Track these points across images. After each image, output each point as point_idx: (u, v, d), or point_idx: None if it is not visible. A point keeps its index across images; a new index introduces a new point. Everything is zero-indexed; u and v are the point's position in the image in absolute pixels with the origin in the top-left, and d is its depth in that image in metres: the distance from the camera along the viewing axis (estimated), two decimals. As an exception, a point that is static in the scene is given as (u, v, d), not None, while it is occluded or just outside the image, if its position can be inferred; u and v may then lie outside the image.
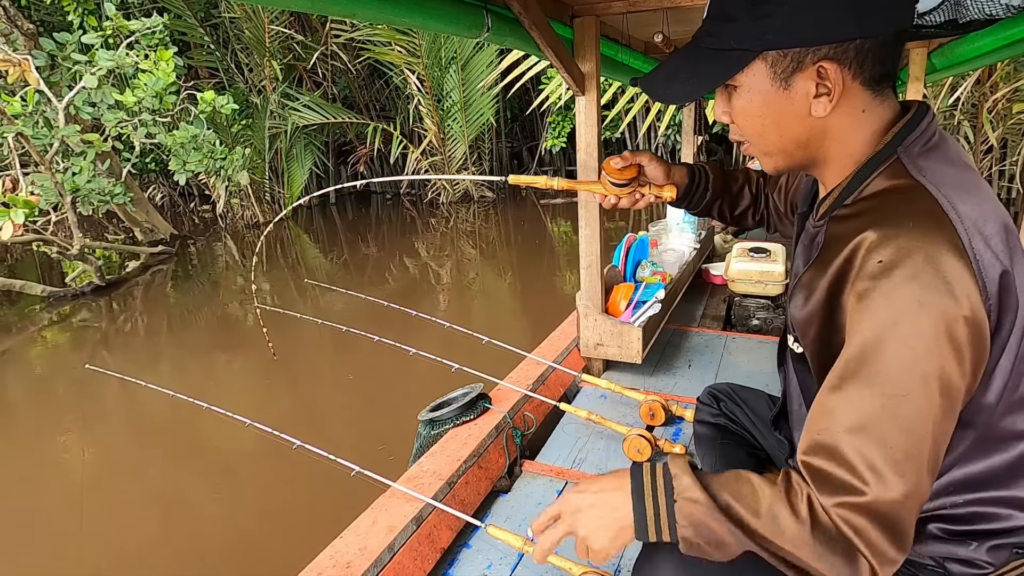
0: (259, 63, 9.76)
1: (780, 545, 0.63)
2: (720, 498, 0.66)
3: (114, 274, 6.56)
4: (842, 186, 0.74)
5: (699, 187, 1.12)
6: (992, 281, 0.61)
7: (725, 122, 0.77)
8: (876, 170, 0.70)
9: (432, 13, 1.26)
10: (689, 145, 3.65)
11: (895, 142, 0.70)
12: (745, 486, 0.67)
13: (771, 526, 0.63)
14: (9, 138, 5.51)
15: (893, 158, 0.70)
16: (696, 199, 1.13)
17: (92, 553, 2.33)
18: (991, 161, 6.95)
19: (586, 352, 2.11)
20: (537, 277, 5.97)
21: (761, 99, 0.71)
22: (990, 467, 0.69)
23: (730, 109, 0.75)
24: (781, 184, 1.14)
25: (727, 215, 1.18)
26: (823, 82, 0.68)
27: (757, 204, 1.18)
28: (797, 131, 0.72)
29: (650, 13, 1.81)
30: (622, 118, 9.73)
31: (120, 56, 6.14)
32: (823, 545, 0.61)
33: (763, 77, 0.70)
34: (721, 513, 0.65)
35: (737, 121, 0.76)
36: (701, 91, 0.73)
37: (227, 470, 2.83)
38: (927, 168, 0.67)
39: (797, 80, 0.69)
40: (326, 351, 4.23)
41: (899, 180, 0.67)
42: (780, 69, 0.69)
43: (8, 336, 5.06)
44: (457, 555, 1.36)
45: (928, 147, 0.70)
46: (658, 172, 1.05)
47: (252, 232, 9.29)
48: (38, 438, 3.30)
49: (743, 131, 0.77)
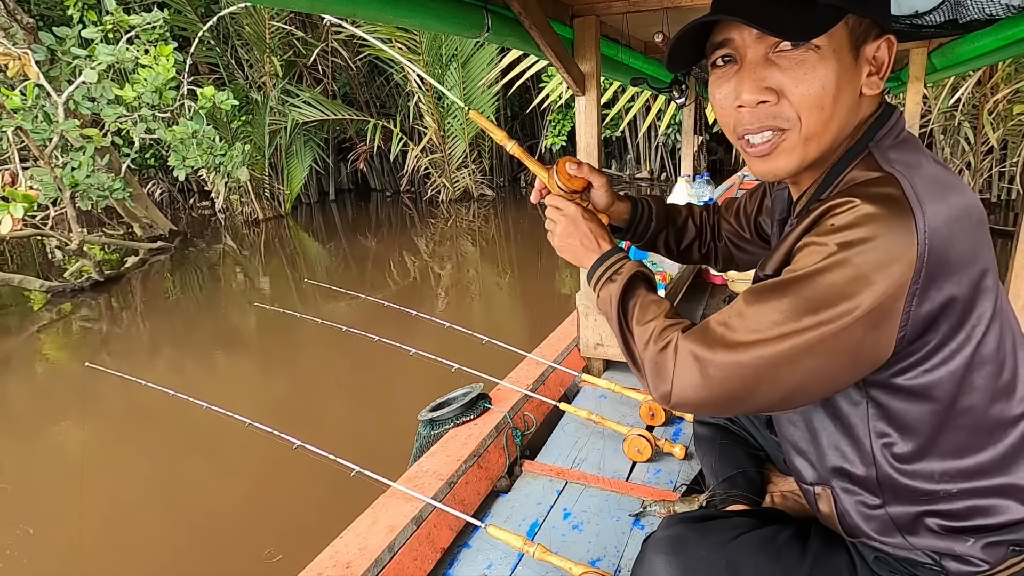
0: (259, 59, 9.75)
1: (633, 340, 0.79)
2: (629, 299, 0.83)
3: (113, 270, 6.55)
4: (817, 182, 0.75)
5: (642, 220, 1.11)
6: (937, 285, 0.62)
7: (762, 98, 0.68)
8: (850, 164, 0.71)
9: (432, 13, 1.26)
10: (689, 145, 3.65)
11: (867, 136, 0.71)
12: (652, 306, 0.80)
13: (639, 330, 0.78)
14: (8, 132, 5.50)
15: (865, 152, 0.70)
16: (640, 231, 1.13)
17: (92, 552, 2.33)
18: (991, 162, 6.95)
19: (586, 352, 2.11)
20: (537, 277, 5.97)
21: (835, 65, 0.66)
22: (983, 455, 0.70)
23: (783, 79, 0.67)
24: (740, 206, 1.13)
25: (673, 249, 1.18)
26: (878, 57, 0.68)
27: (702, 237, 1.18)
28: (848, 109, 0.70)
29: (650, 13, 1.81)
30: (622, 117, 9.73)
31: (120, 51, 6.13)
32: (655, 354, 0.74)
33: (843, 40, 0.66)
34: (619, 304, 0.82)
35: (796, 91, 0.67)
36: (823, 28, 0.65)
37: (227, 469, 2.83)
38: (897, 160, 0.68)
39: (865, 51, 0.68)
40: (326, 351, 4.23)
41: (870, 172, 0.68)
42: (857, 35, 0.67)
43: (8, 333, 5.06)
44: (457, 555, 1.36)
45: (898, 141, 0.71)
46: (603, 198, 1.03)
47: (251, 229, 9.28)
48: (37, 436, 3.30)
49: (797, 105, 0.68)
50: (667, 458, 1.65)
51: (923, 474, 0.71)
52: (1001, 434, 0.69)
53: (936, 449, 0.70)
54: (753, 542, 0.83)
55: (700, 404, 0.70)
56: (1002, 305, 0.67)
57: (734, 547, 0.82)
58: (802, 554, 0.82)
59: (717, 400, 0.68)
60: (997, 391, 0.68)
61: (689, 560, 0.81)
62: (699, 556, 0.82)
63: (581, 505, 1.49)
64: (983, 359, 0.66)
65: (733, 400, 0.68)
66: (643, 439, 1.61)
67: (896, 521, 0.74)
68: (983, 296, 0.64)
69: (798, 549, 0.83)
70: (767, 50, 0.68)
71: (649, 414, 1.81)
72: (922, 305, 0.62)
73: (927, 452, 0.70)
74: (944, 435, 0.69)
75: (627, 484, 1.54)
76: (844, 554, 0.82)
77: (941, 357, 0.65)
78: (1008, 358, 0.68)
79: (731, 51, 0.71)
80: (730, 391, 0.67)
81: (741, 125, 0.72)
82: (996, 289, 0.66)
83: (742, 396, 0.67)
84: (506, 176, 12.40)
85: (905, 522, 0.73)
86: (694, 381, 0.68)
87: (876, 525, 0.75)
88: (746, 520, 0.88)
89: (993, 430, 0.69)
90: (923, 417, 0.69)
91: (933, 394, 0.67)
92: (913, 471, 0.71)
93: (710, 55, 0.74)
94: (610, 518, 1.43)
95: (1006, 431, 0.69)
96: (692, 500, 1.36)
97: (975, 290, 0.64)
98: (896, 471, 0.72)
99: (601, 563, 1.30)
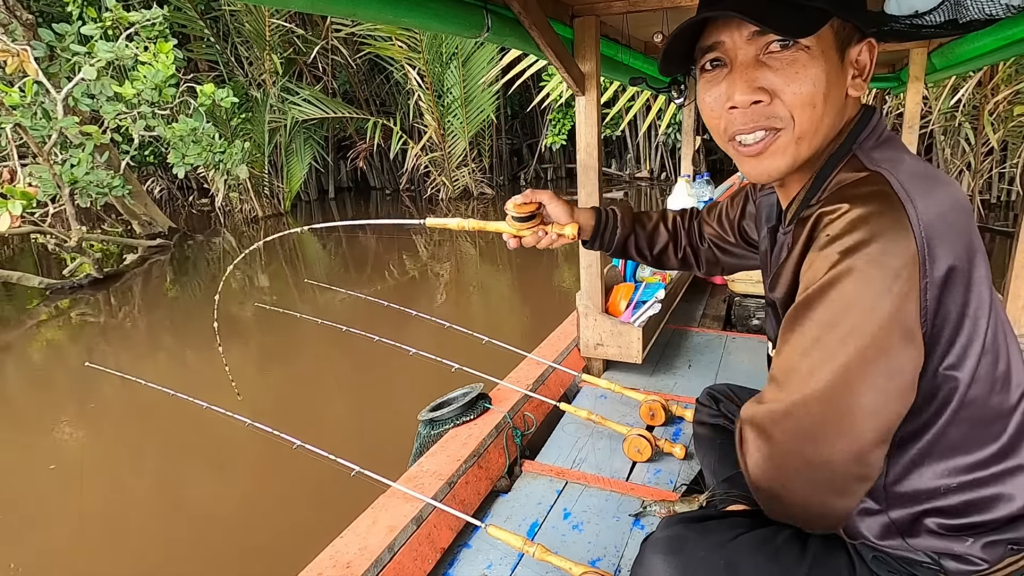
0: (259, 57, 9.73)
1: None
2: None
3: (112, 267, 6.54)
4: (806, 187, 0.76)
5: (607, 226, 1.11)
6: (938, 267, 0.62)
7: (756, 98, 0.69)
8: (836, 167, 0.72)
9: (432, 13, 1.26)
10: (689, 144, 3.65)
11: (850, 139, 0.73)
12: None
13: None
14: (7, 129, 5.49)
15: (850, 155, 0.72)
16: (607, 239, 1.12)
17: (90, 551, 2.33)
18: (991, 163, 6.95)
19: (586, 352, 2.12)
20: (537, 276, 5.96)
21: (824, 65, 0.68)
22: (984, 448, 0.70)
23: (775, 79, 0.68)
24: (722, 210, 1.13)
25: (646, 254, 1.17)
26: (860, 60, 0.70)
27: (676, 242, 1.17)
28: (836, 109, 0.71)
29: (650, 13, 1.81)
30: (622, 116, 9.73)
31: (119, 48, 6.11)
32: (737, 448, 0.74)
33: (830, 42, 0.69)
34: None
35: (788, 90, 0.68)
36: (816, 26, 0.66)
37: (226, 469, 2.83)
38: (882, 159, 0.69)
39: (849, 54, 0.70)
40: (326, 350, 4.22)
41: (857, 173, 0.69)
42: (842, 38, 0.69)
43: (7, 330, 5.05)
44: (457, 555, 1.36)
45: (880, 141, 0.72)
46: (559, 211, 1.04)
47: (251, 227, 9.27)
48: (35, 435, 3.29)
49: (790, 104, 0.68)
50: (667, 458, 1.66)
51: (926, 474, 0.71)
52: (1000, 425, 0.70)
53: (939, 447, 0.70)
54: (752, 542, 0.83)
55: (776, 475, 0.68)
56: (993, 292, 0.69)
57: (733, 547, 0.82)
58: (801, 554, 0.82)
59: (793, 463, 0.67)
60: (995, 381, 0.69)
61: (688, 560, 0.81)
62: (698, 556, 0.82)
63: (581, 505, 1.49)
64: (985, 348, 0.67)
65: (809, 460, 0.66)
66: (643, 439, 1.61)
67: (896, 524, 0.74)
68: (982, 284, 0.66)
69: (797, 549, 0.83)
70: (758, 52, 0.69)
71: (649, 414, 1.81)
72: (934, 296, 0.63)
73: (931, 451, 0.71)
74: (949, 430, 0.69)
75: (627, 484, 1.55)
76: (843, 554, 0.82)
77: (958, 348, 0.66)
78: (1002, 347, 0.70)
79: (720, 55, 0.71)
80: (800, 449, 0.65)
81: (733, 126, 0.73)
82: (988, 276, 0.68)
83: (817, 451, 0.65)
84: (506, 174, 12.40)
85: (905, 525, 0.74)
86: (760, 449, 0.67)
87: (877, 529, 0.76)
88: (745, 520, 0.88)
89: (993, 421, 0.70)
90: (932, 415, 0.69)
91: (946, 388, 0.68)
92: (918, 472, 0.72)
93: (699, 59, 0.75)
94: (610, 518, 1.43)
95: (1005, 421, 0.70)
96: (692, 500, 1.37)
97: (973, 278, 0.65)
98: (901, 475, 0.72)
99: (601, 563, 1.30)
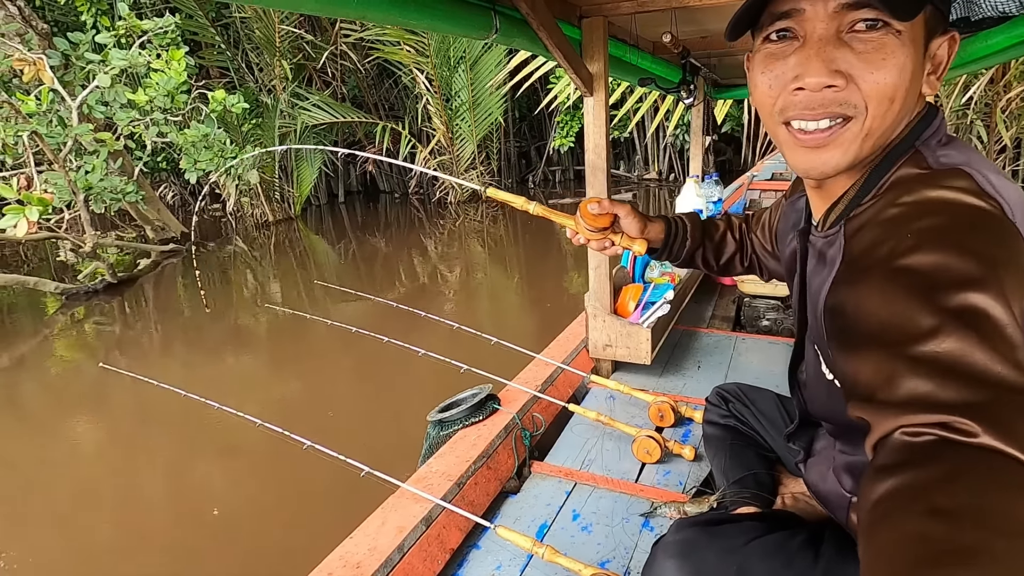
0: (269, 63, 9.81)
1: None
2: None
3: (126, 272, 6.62)
4: (857, 185, 0.68)
5: (676, 239, 1.09)
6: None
7: (831, 82, 0.61)
8: (895, 163, 0.65)
9: (441, 15, 1.27)
10: (698, 145, 3.63)
11: (912, 135, 0.66)
12: None
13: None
14: (24, 137, 5.57)
15: (912, 151, 0.65)
16: (675, 251, 1.10)
17: (103, 550, 2.36)
18: (1004, 161, 6.88)
19: (595, 353, 2.11)
20: (546, 278, 5.96)
21: (912, 54, 0.60)
22: None
23: (856, 63, 0.60)
24: (764, 218, 1.11)
25: (713, 264, 1.15)
26: (939, 55, 0.64)
27: (743, 250, 1.15)
28: (908, 107, 0.64)
29: (659, 13, 1.80)
30: (630, 118, 9.71)
31: (133, 55, 6.20)
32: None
33: (920, 29, 0.61)
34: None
35: (870, 77, 0.60)
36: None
37: (237, 469, 2.85)
38: (951, 156, 0.63)
39: (933, 46, 0.63)
40: (336, 352, 4.25)
41: (922, 169, 0.62)
42: (930, 27, 0.62)
43: (23, 333, 5.12)
44: (466, 556, 1.36)
45: (947, 141, 0.66)
46: (633, 225, 1.01)
47: (262, 231, 9.34)
48: (51, 435, 3.34)
49: (867, 93, 0.61)
50: (676, 459, 1.65)
51: None
52: None
53: None
54: (765, 548, 0.82)
55: None
56: None
57: (746, 552, 0.81)
58: (814, 560, 0.81)
59: None
60: None
61: (700, 565, 0.81)
62: (710, 561, 0.81)
63: (590, 506, 1.48)
64: None
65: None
66: (652, 440, 1.60)
67: None
68: None
69: (811, 556, 0.82)
70: (840, 28, 0.60)
71: (658, 415, 1.80)
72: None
73: None
74: None
75: (636, 485, 1.54)
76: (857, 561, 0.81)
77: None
78: None
79: (793, 24, 0.62)
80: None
81: (793, 108, 0.64)
82: None
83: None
84: (514, 177, 12.41)
85: None
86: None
87: None
88: (757, 524, 0.87)
89: None
90: None
91: None
92: None
93: (765, 27, 0.65)
94: (619, 520, 1.43)
95: None
96: (702, 501, 1.36)
97: None
98: None
99: (610, 565, 1.29)
